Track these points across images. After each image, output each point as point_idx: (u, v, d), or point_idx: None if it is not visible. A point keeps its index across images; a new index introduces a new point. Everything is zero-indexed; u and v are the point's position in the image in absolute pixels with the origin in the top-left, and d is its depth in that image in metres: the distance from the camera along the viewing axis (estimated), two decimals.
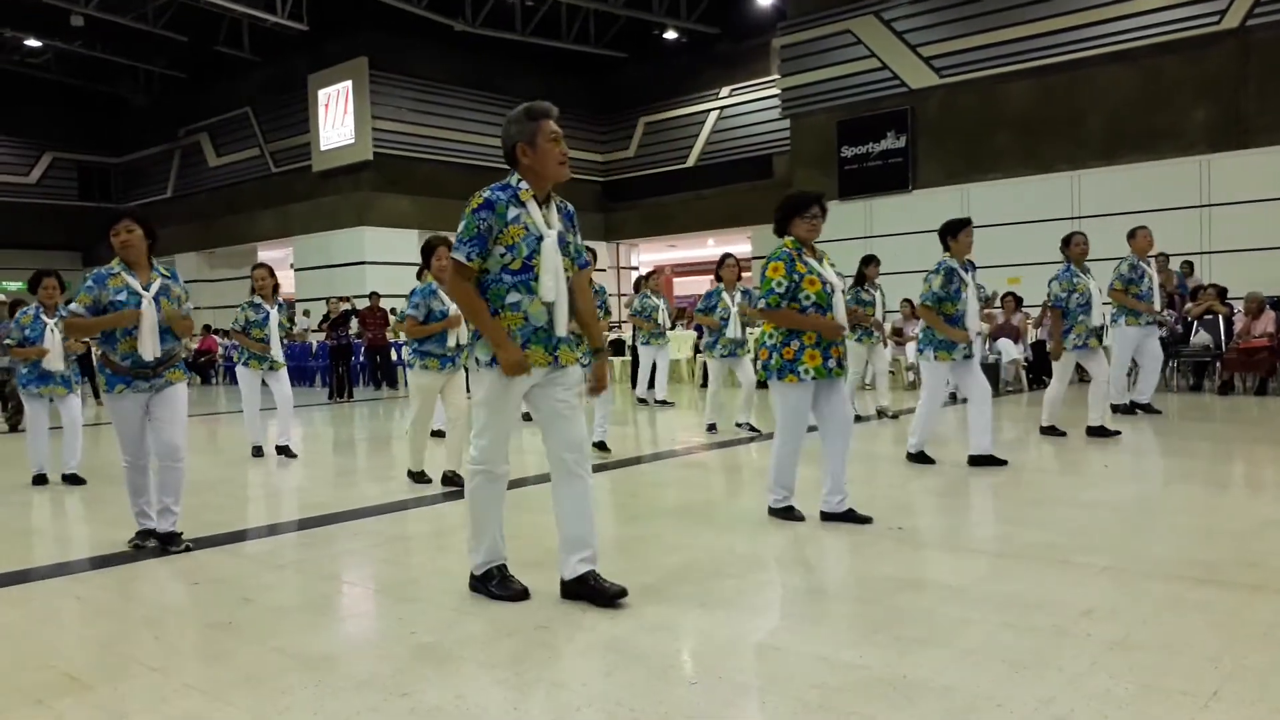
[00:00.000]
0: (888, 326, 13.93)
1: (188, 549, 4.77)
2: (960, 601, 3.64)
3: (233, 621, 3.64)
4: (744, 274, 11.11)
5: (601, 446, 7.83)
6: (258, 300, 8.15)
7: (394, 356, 16.81)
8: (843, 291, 4.97)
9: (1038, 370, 13.31)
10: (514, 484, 3.80)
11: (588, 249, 7.45)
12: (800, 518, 4.99)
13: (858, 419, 9.18)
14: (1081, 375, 8.39)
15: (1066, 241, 7.82)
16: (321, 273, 21.43)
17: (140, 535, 4.93)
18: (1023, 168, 15.43)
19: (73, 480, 7.09)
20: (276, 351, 8.15)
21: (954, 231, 6.70)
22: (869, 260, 9.91)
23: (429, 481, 6.56)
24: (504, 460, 3.71)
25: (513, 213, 3.57)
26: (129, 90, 25.94)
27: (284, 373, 8.33)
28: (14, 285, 24.61)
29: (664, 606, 3.67)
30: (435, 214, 20.55)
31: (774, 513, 5.07)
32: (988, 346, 13.51)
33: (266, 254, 23.33)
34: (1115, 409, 8.67)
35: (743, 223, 20.87)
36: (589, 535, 3.66)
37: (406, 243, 20.09)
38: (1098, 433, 7.71)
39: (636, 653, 3.15)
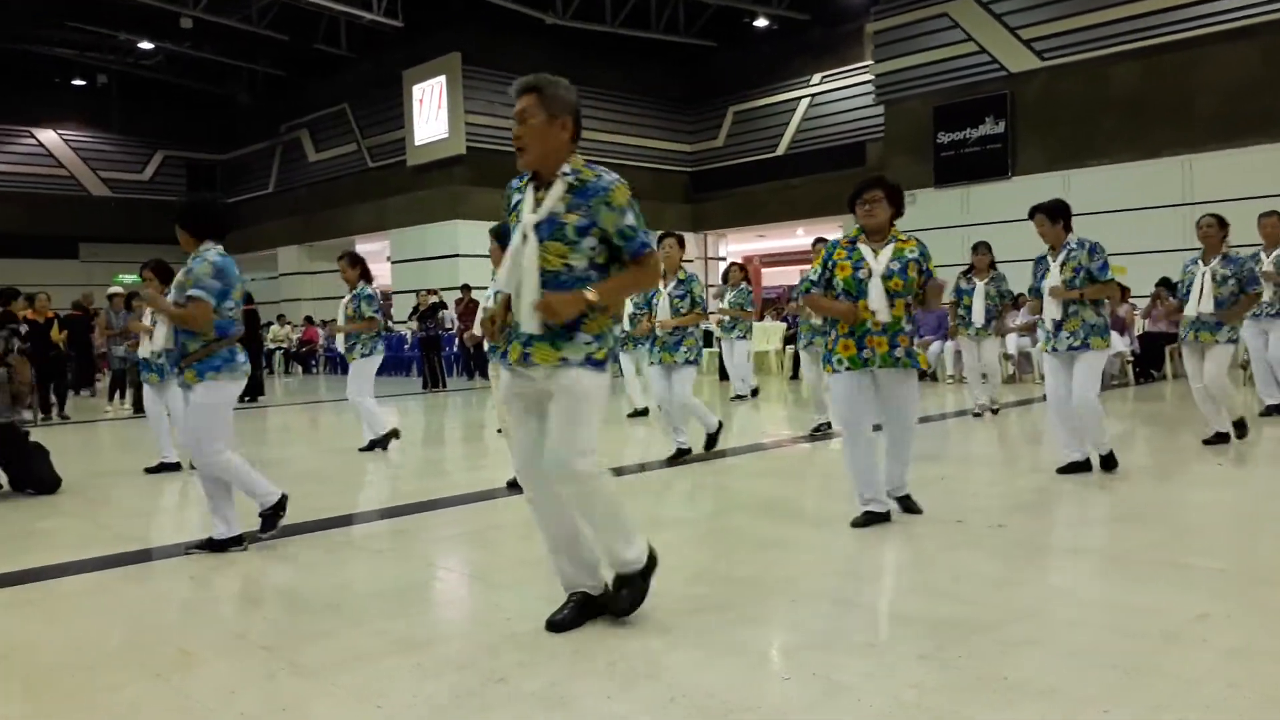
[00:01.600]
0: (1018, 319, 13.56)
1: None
2: (1065, 602, 3.53)
3: (334, 604, 3.75)
4: None
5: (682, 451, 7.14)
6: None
7: (486, 347, 17.12)
8: (884, 278, 4.53)
9: (1145, 364, 12.79)
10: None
11: (673, 236, 7.32)
12: (884, 518, 4.72)
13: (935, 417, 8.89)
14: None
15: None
16: (416, 265, 21.88)
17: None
18: (1129, 152, 14.81)
19: (161, 469, 7.29)
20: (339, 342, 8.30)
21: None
22: (974, 248, 9.45)
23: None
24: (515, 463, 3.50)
25: (515, 199, 3.34)
26: (234, 89, 26.87)
27: (353, 365, 8.10)
28: (130, 278, 25.85)
29: (755, 601, 3.65)
30: None
31: (854, 523, 4.69)
32: None
33: (364, 247, 23.95)
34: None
35: (833, 211, 20.45)
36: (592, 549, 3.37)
37: None
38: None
39: (728, 646, 3.14)
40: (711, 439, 7.29)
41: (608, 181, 3.20)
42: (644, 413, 10.12)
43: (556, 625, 3.26)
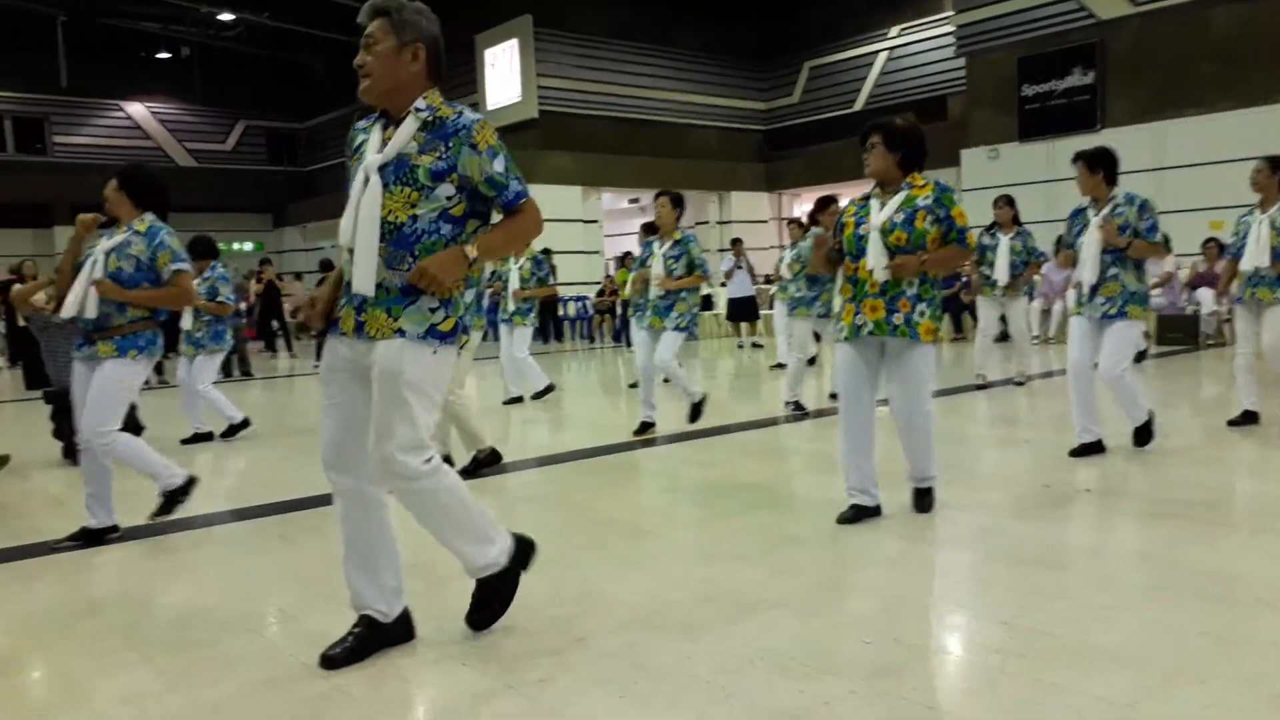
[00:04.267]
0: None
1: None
2: (1153, 568, 3.43)
3: (419, 564, 3.84)
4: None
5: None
6: None
7: (559, 311, 17.40)
8: (884, 232, 4.06)
9: None
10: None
11: (666, 194, 6.56)
12: (873, 512, 4.20)
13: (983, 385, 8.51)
14: None
15: None
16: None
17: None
18: (1227, 101, 14.10)
19: (196, 439, 7.32)
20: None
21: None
22: (995, 202, 8.74)
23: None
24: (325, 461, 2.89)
25: (359, 140, 2.90)
26: (311, 58, 27.33)
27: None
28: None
29: (835, 565, 3.63)
30: (596, 170, 20.74)
31: (839, 519, 4.19)
32: (1186, 296, 12.54)
33: None
34: None
35: None
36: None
37: (570, 199, 20.37)
38: None
39: (807, 609, 3.13)
40: (695, 409, 6.79)
41: (469, 120, 2.74)
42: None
43: (330, 661, 2.79)
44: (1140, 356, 8.33)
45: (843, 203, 5.55)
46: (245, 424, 7.46)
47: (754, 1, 21.94)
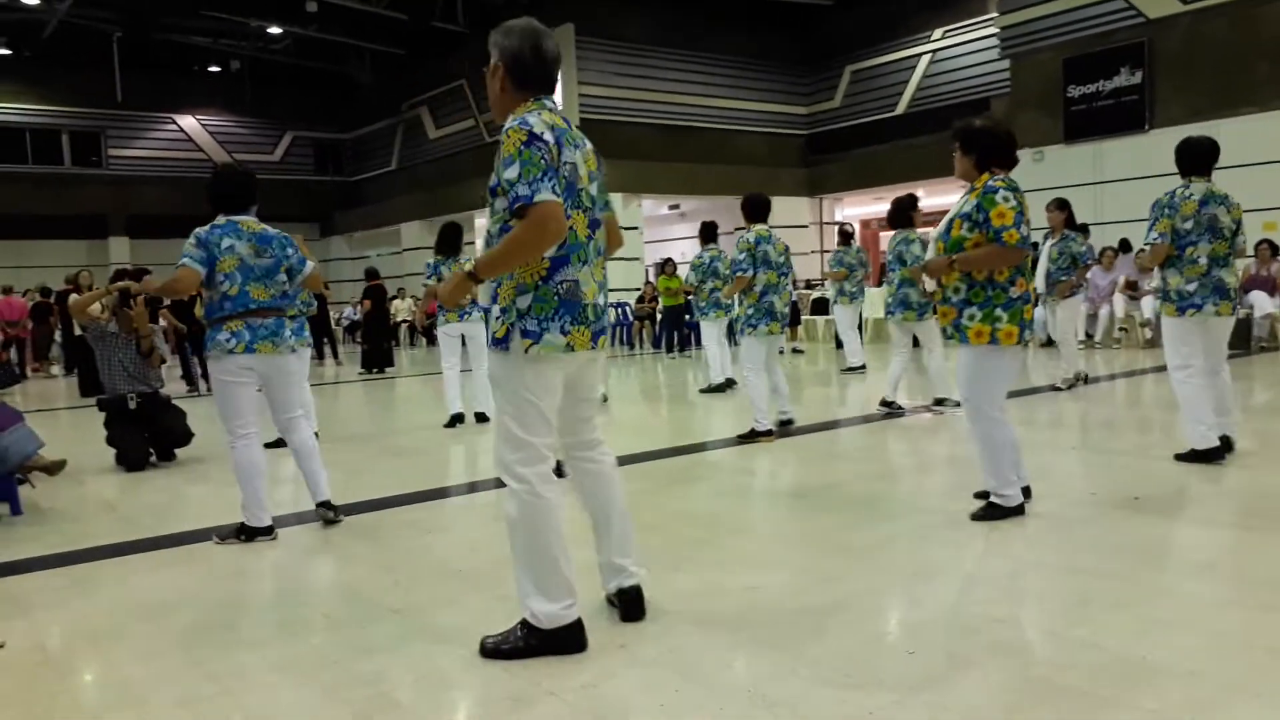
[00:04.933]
0: (1120, 279, 12.94)
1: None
2: (1209, 579, 3.35)
3: (461, 570, 3.87)
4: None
5: None
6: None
7: (613, 317, 17.45)
8: (937, 239, 4.23)
9: None
10: None
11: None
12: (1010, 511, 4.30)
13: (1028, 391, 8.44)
14: None
15: None
16: None
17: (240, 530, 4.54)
18: None
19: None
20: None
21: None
22: (1047, 206, 8.66)
23: None
24: None
25: None
26: (356, 69, 27.73)
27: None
28: None
29: (877, 574, 3.59)
30: (637, 177, 20.77)
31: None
32: (1239, 300, 12.25)
33: (482, 222, 24.41)
34: None
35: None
36: None
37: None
38: None
39: (852, 618, 3.10)
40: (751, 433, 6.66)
41: (505, 129, 2.82)
42: (721, 388, 9.80)
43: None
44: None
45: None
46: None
47: (795, 6, 21.86)
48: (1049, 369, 9.61)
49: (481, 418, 8.13)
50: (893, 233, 8.00)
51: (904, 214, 7.89)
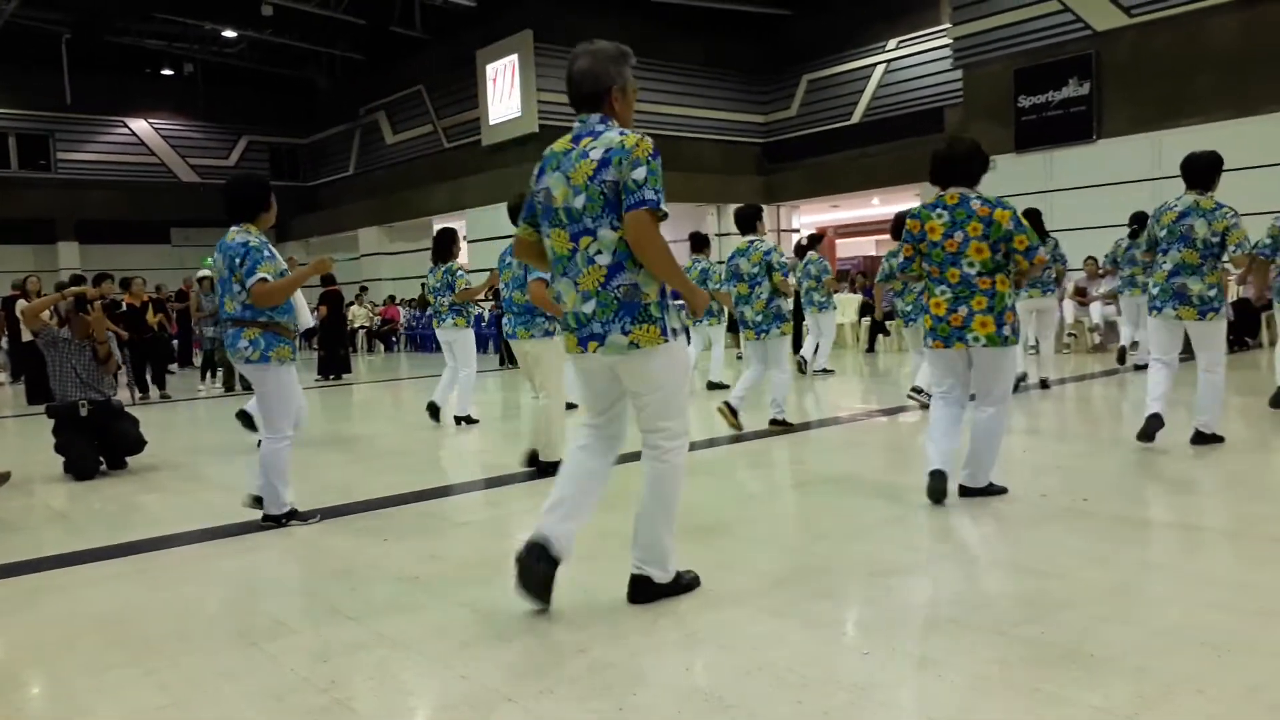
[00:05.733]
0: (1069, 286, 13.20)
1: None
2: (1153, 578, 3.43)
3: (420, 577, 3.86)
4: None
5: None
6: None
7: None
8: None
9: (1239, 331, 12.28)
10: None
11: None
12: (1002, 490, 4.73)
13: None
14: None
15: None
16: (493, 244, 22.13)
17: (292, 515, 4.84)
18: (1226, 111, 14.15)
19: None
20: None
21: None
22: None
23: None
24: None
25: None
26: (313, 74, 27.48)
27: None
28: None
29: (832, 576, 3.63)
30: None
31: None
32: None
33: (441, 227, 24.26)
34: None
35: (911, 179, 20.08)
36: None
37: None
38: None
39: (806, 620, 3.13)
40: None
41: None
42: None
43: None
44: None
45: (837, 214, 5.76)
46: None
47: (753, 15, 22.05)
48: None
49: (462, 420, 8.28)
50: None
51: (899, 227, 7.98)
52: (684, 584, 3.39)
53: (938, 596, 3.39)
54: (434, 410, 8.30)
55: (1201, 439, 5.75)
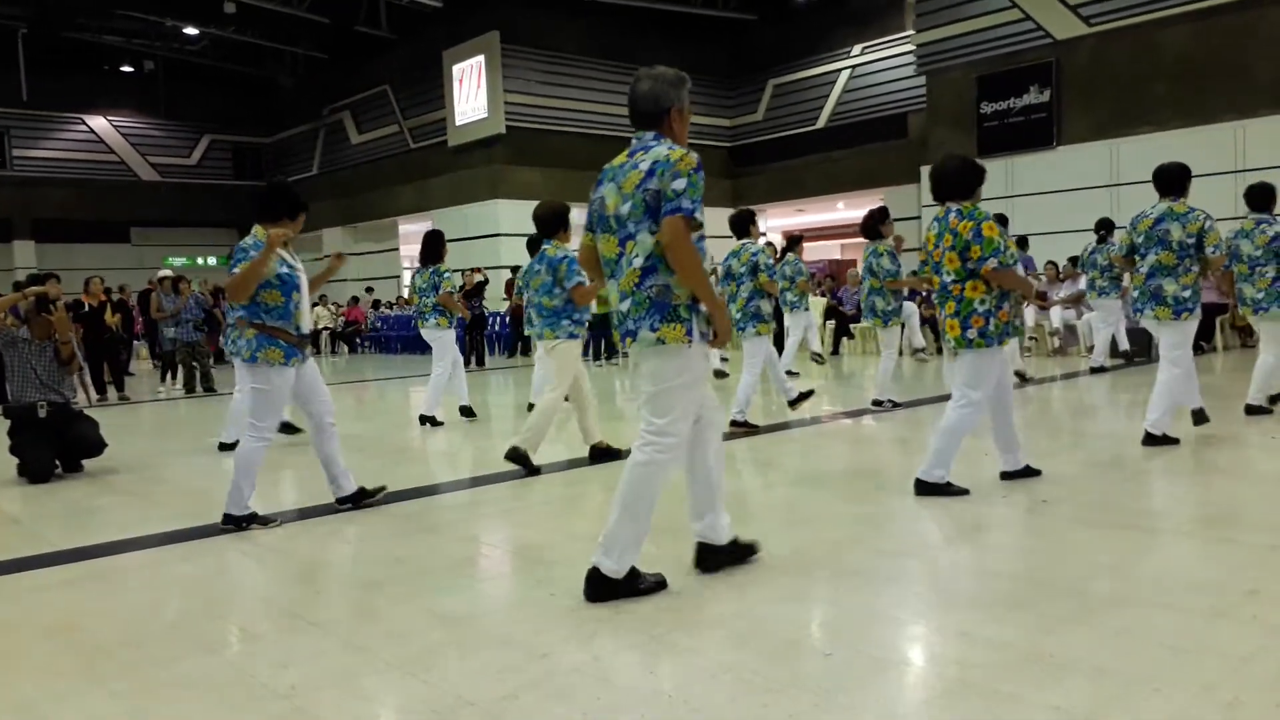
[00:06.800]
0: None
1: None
2: (1112, 579, 3.48)
3: (383, 581, 3.82)
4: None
5: None
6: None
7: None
8: None
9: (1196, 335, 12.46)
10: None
11: None
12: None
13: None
14: None
15: None
16: (458, 245, 21.96)
17: (252, 519, 4.77)
18: (1180, 119, 14.44)
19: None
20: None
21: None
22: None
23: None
24: None
25: None
26: (277, 73, 27.17)
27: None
28: (179, 261, 26.31)
29: (796, 577, 3.65)
30: (563, 185, 20.76)
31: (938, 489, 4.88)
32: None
33: (406, 228, 24.11)
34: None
35: (876, 184, 20.31)
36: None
37: None
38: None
39: (770, 622, 3.14)
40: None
41: None
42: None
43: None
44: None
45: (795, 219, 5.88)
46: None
47: (720, 20, 22.14)
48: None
49: (426, 420, 8.40)
50: (867, 243, 8.40)
51: (873, 227, 8.26)
52: (642, 587, 3.40)
53: (899, 598, 3.41)
54: (467, 412, 8.71)
55: (1152, 440, 5.87)
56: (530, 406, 8.79)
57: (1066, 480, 5.19)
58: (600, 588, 3.34)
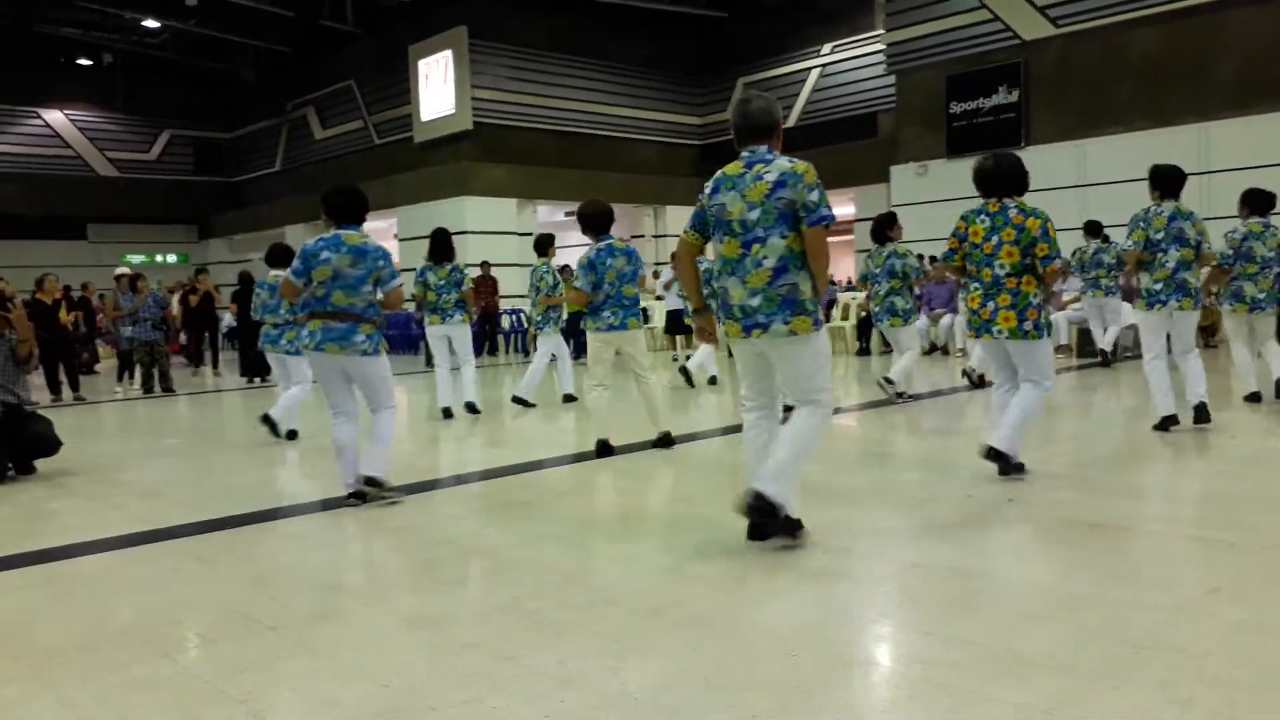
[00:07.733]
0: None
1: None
2: (1075, 576, 3.50)
3: (345, 583, 3.76)
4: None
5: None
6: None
7: (507, 324, 17.48)
8: None
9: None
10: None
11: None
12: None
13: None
14: None
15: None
16: (425, 243, 21.87)
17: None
18: (1145, 120, 14.63)
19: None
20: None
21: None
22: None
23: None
24: None
25: None
26: (239, 67, 26.80)
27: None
28: (137, 259, 25.88)
29: (762, 579, 3.63)
30: (532, 183, 20.67)
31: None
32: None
33: (371, 225, 23.84)
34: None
35: (846, 183, 20.38)
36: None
37: (505, 212, 20.27)
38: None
39: (733, 624, 3.13)
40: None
41: None
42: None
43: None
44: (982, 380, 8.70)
45: None
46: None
47: (690, 17, 22.14)
48: (931, 376, 9.94)
49: (471, 408, 8.71)
50: (876, 246, 8.58)
51: (881, 232, 8.54)
52: (798, 534, 3.90)
53: (866, 596, 3.41)
54: (471, 407, 8.78)
55: (1205, 415, 6.19)
56: (565, 398, 9.36)
57: (1035, 479, 5.22)
58: (765, 514, 3.73)
